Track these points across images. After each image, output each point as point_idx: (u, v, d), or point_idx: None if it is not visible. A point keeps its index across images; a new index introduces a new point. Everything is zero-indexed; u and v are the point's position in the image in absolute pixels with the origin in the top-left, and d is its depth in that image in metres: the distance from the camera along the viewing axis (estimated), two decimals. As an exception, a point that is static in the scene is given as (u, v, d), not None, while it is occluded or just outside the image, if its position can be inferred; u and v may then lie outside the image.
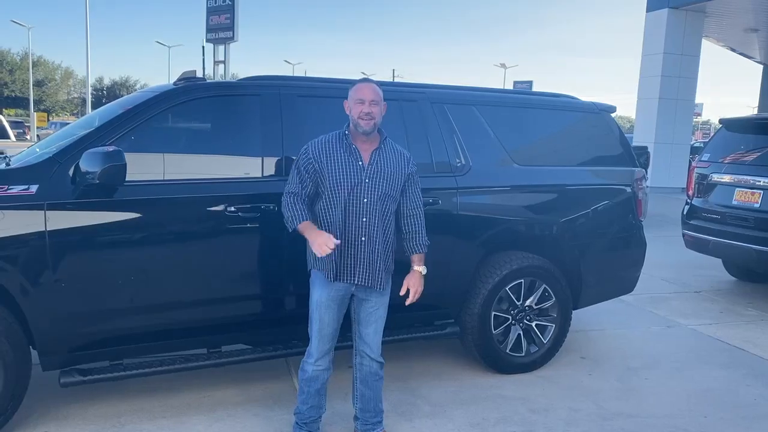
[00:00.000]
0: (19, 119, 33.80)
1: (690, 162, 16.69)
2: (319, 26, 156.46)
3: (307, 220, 3.16)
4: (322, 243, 3.01)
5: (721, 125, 7.71)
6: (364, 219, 3.15)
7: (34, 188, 3.23)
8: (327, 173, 3.15)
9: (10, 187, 3.21)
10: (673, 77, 18.35)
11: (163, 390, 4.02)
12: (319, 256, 3.07)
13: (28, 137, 26.82)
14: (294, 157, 3.42)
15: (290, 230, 3.22)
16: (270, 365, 4.36)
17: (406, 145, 3.79)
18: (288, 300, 3.83)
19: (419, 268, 3.35)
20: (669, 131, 18.47)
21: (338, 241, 3.06)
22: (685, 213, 7.33)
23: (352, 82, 3.29)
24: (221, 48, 24.98)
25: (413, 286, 3.33)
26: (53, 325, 3.33)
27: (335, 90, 3.84)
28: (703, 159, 7.32)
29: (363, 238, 3.16)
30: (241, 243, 3.66)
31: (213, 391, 4.04)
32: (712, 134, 13.80)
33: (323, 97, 3.94)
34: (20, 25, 41.93)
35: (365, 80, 3.31)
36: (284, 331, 3.87)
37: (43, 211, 3.21)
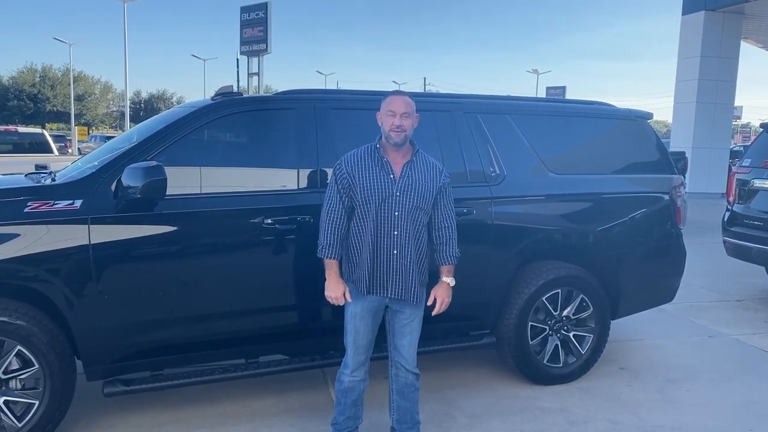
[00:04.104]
0: (60, 133, 34.72)
1: (730, 166, 16.32)
2: (350, 36, 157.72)
3: (335, 258, 3.22)
4: (332, 296, 3.22)
5: (762, 129, 7.53)
6: (396, 232, 3.16)
7: (78, 203, 3.33)
8: (358, 187, 3.17)
9: (56, 202, 3.32)
10: (710, 80, 17.98)
11: (202, 400, 4.08)
12: (327, 299, 3.23)
13: (69, 151, 27.50)
14: (329, 169, 3.46)
15: (317, 254, 3.25)
16: (307, 376, 4.39)
17: (439, 156, 3.80)
18: (324, 311, 3.85)
19: (447, 279, 3.33)
20: (707, 136, 18.09)
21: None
22: (725, 219, 7.17)
23: (384, 94, 3.31)
24: (255, 60, 25.40)
25: (440, 296, 3.31)
26: (97, 336, 3.41)
27: (369, 102, 3.87)
28: (744, 164, 7.15)
29: (395, 251, 3.17)
30: (278, 255, 3.71)
31: (251, 401, 4.09)
32: (753, 138, 13.45)
33: (357, 109, 3.98)
34: (62, 42, 43.26)
35: (397, 92, 3.32)
36: (321, 341, 3.90)
37: (87, 225, 3.31)
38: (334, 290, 3.22)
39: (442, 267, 3.34)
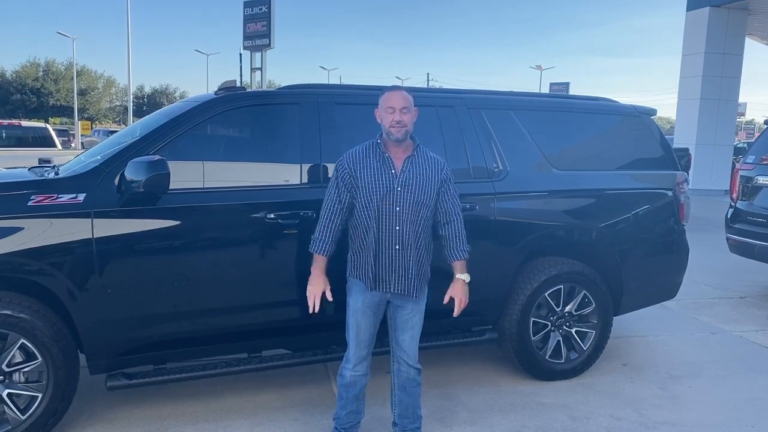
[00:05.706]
0: (64, 128, 34.74)
1: (733, 163, 16.28)
2: (353, 31, 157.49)
3: (324, 255, 3.22)
4: (311, 291, 3.23)
5: (766, 126, 7.51)
6: (398, 227, 3.16)
7: (81, 197, 3.34)
8: (360, 182, 3.17)
9: (59, 195, 3.32)
10: (715, 77, 17.93)
11: (205, 394, 4.09)
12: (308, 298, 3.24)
13: (72, 145, 27.53)
14: (331, 165, 3.46)
15: (309, 249, 3.27)
16: (309, 370, 4.41)
17: (442, 152, 3.79)
18: (327, 305, 3.85)
19: (462, 276, 3.29)
20: (711, 132, 18.06)
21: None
22: (728, 216, 7.16)
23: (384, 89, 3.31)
24: (258, 55, 25.36)
25: (457, 295, 3.28)
26: (100, 330, 3.42)
27: (371, 97, 3.85)
28: (747, 161, 7.14)
29: (397, 247, 3.17)
30: (281, 249, 3.71)
31: (254, 396, 4.10)
32: (756, 134, 13.44)
33: (360, 104, 3.97)
34: (65, 36, 43.27)
35: (394, 87, 3.31)
36: (323, 336, 3.91)
37: (90, 219, 3.31)
38: (315, 286, 3.23)
39: (454, 263, 3.31)
